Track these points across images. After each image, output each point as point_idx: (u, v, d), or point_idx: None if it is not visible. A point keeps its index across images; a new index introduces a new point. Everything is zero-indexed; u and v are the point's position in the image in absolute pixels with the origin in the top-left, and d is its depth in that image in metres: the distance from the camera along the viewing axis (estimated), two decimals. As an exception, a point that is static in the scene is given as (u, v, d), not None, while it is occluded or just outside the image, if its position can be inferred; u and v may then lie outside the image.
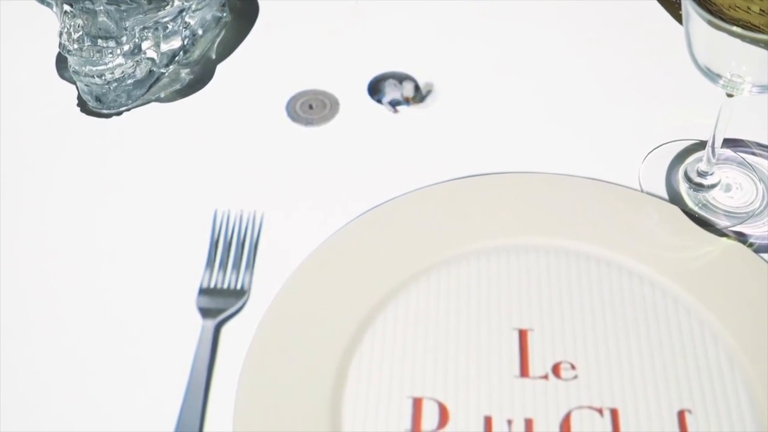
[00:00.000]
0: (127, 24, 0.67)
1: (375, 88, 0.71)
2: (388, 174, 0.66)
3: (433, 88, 0.71)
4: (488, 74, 0.74)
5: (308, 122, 0.70)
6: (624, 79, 0.73)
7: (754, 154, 0.67)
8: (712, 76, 0.57)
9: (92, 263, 0.61)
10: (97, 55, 0.66)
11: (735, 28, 0.52)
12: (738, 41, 0.53)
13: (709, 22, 0.53)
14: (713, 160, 0.63)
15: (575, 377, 0.54)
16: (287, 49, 0.76)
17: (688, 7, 0.54)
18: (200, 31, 0.74)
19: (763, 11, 0.65)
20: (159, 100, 0.72)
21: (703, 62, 0.56)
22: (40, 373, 0.56)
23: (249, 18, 0.79)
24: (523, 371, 0.55)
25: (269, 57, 0.76)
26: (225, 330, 0.57)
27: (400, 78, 0.72)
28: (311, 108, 0.71)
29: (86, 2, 0.65)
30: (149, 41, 0.70)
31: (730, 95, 0.58)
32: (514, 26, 0.78)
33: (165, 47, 0.71)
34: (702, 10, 0.53)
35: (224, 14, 0.77)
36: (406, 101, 0.70)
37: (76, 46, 0.66)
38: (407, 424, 0.52)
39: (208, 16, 0.75)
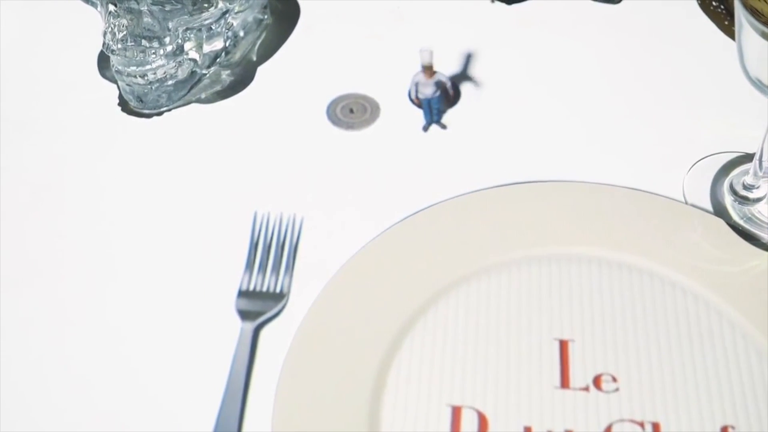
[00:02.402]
0: (171, 25, 0.67)
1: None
2: (429, 180, 0.65)
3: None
4: (531, 81, 0.73)
5: (349, 126, 0.70)
6: (669, 89, 0.72)
7: (801, 168, 0.66)
8: (764, 87, 0.56)
9: (131, 263, 0.61)
10: (141, 55, 0.66)
11: (789, 41, 0.51)
12: (790, 53, 0.52)
13: (763, 34, 0.52)
14: (760, 173, 0.62)
15: (616, 390, 0.54)
16: (328, 52, 0.76)
17: (742, 18, 0.53)
18: (242, 33, 0.74)
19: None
20: (199, 101, 0.72)
21: (755, 74, 0.56)
22: (78, 370, 0.56)
23: (290, 20, 0.79)
24: (564, 382, 0.54)
25: (310, 60, 0.75)
26: (264, 333, 0.57)
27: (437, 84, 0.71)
28: (352, 112, 0.71)
29: (131, 2, 0.65)
30: (192, 42, 0.70)
31: (780, 107, 0.57)
32: (557, 33, 0.77)
33: (207, 48, 0.71)
34: (756, 21, 0.52)
35: (265, 16, 0.77)
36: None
37: (119, 45, 0.66)
38: (446, 432, 0.52)
39: (250, 18, 0.75)
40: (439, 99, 0.68)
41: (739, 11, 0.53)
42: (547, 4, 0.80)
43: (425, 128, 0.69)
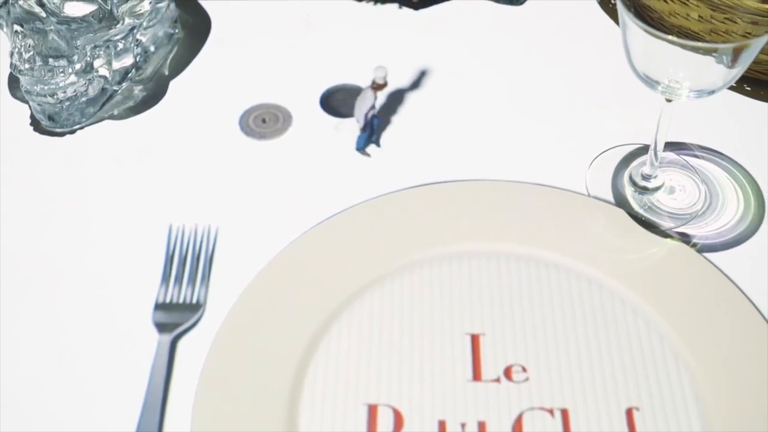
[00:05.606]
0: (78, 43, 0.67)
1: (327, 103, 0.71)
2: (342, 186, 0.67)
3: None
4: (437, 84, 0.75)
5: (261, 136, 0.71)
6: (571, 86, 0.75)
7: (696, 156, 0.68)
8: (651, 82, 0.58)
9: (48, 280, 0.62)
10: (49, 74, 0.67)
11: (670, 37, 0.54)
12: (674, 48, 0.54)
13: (646, 31, 0.54)
14: (656, 164, 0.65)
15: (526, 379, 0.56)
16: (240, 64, 0.77)
17: (625, 17, 0.55)
18: (152, 48, 0.75)
19: (702, 18, 0.67)
20: (112, 117, 0.72)
21: (642, 69, 0.58)
22: (-3, 393, 0.56)
23: (201, 33, 0.80)
24: (476, 375, 0.56)
25: (222, 72, 0.76)
26: (181, 344, 0.58)
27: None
28: (264, 122, 0.72)
29: (36, 22, 0.65)
30: (101, 59, 0.70)
31: (669, 100, 0.60)
32: (462, 37, 0.79)
33: (117, 65, 0.71)
34: (638, 20, 0.54)
35: (176, 30, 0.78)
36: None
37: (27, 66, 0.66)
38: (363, 430, 0.53)
39: (160, 33, 0.75)
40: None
41: (622, 12, 0.55)
42: (453, 8, 0.82)
43: (363, 150, 0.69)
